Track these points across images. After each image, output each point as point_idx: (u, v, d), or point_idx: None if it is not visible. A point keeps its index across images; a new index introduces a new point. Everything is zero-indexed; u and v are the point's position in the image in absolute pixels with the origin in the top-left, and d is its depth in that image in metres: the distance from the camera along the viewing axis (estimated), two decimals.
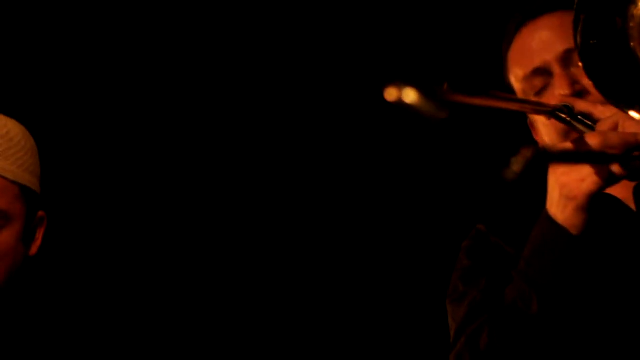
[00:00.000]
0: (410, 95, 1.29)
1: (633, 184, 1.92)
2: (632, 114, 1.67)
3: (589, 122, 1.79)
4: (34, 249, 2.25)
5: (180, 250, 3.32)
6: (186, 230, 3.33)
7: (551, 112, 1.79)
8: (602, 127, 1.73)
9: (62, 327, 2.26)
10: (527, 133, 2.10)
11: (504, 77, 2.07)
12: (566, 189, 1.70)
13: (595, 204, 1.76)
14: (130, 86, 3.31)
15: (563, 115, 1.80)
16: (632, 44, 1.66)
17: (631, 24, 1.66)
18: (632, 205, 1.92)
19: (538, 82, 1.96)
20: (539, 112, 1.86)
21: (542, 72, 1.95)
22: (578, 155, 1.66)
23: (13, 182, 2.15)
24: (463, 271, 1.97)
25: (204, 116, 3.35)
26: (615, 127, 1.71)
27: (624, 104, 1.67)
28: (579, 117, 1.80)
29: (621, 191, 1.93)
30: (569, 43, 1.77)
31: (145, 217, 3.31)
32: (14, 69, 3.21)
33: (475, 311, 1.87)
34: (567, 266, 1.71)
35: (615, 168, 1.66)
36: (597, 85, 1.67)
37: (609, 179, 1.68)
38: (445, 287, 2.00)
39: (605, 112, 1.75)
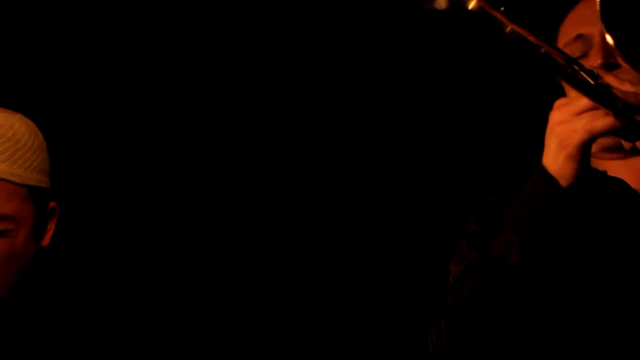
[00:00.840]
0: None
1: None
2: None
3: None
4: (46, 240, 2.26)
5: (184, 244, 3.33)
6: (190, 225, 3.33)
7: (579, 70, 1.79)
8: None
9: (72, 319, 2.27)
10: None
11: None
12: (559, 137, 1.69)
13: (605, 189, 1.76)
14: (137, 78, 3.31)
15: (588, 78, 1.79)
16: None
17: None
18: None
19: (577, 48, 1.97)
20: (569, 67, 1.85)
21: (584, 41, 1.97)
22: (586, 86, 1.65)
23: (21, 185, 2.16)
24: (470, 235, 1.98)
25: (208, 111, 3.35)
26: (634, 95, 1.69)
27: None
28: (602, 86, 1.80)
29: (632, 178, 1.93)
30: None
31: (150, 211, 3.31)
32: (21, 63, 3.21)
33: (469, 269, 1.87)
34: (553, 216, 1.70)
35: (611, 119, 1.65)
36: (621, 51, 1.66)
37: (601, 130, 1.66)
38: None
39: (630, 89, 1.72)
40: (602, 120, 1.65)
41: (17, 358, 2.19)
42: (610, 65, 1.87)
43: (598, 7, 1.67)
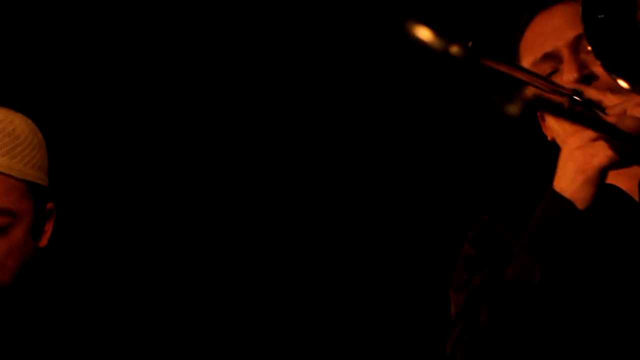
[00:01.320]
0: (424, 34, 1.32)
1: (637, 177, 1.91)
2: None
3: (595, 109, 1.78)
4: (44, 241, 2.27)
5: (182, 244, 3.33)
6: (187, 225, 3.33)
7: (568, 96, 1.79)
8: (611, 112, 1.74)
9: (72, 319, 2.27)
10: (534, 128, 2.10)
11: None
12: (578, 161, 1.72)
13: (599, 194, 1.75)
14: (134, 77, 3.31)
15: (577, 99, 1.80)
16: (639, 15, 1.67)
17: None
18: (637, 198, 1.91)
19: (547, 67, 1.95)
20: (555, 93, 1.86)
21: (552, 58, 1.95)
22: (592, 121, 1.69)
23: (20, 180, 2.17)
24: (467, 260, 1.97)
25: (207, 110, 3.35)
26: (623, 114, 1.71)
27: (629, 80, 1.69)
28: (587, 103, 1.79)
29: (627, 183, 1.93)
30: (579, 30, 1.77)
31: (150, 211, 3.31)
32: (20, 63, 3.21)
33: (476, 296, 1.87)
34: (571, 239, 1.73)
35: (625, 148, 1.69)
36: (600, 59, 1.70)
37: (621, 157, 1.70)
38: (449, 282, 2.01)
39: (614, 100, 1.76)
40: (619, 148, 1.69)
41: (17, 358, 2.18)
42: (586, 78, 1.87)
43: (580, 15, 1.69)
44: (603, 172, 1.72)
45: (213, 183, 3.35)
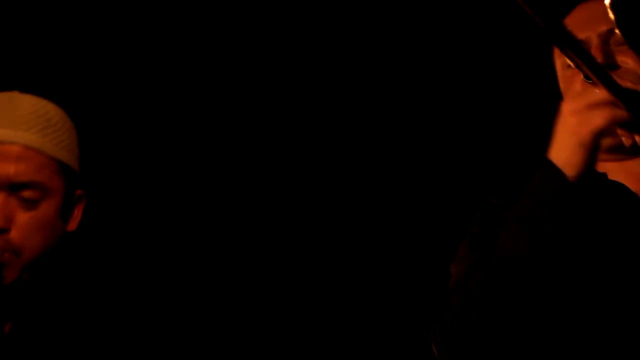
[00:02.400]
0: None
1: None
2: None
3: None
4: (72, 225, 2.32)
5: (183, 244, 3.36)
6: (188, 225, 3.36)
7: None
8: None
9: (97, 303, 2.31)
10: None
11: (550, 58, 2.12)
12: (572, 126, 1.68)
13: (604, 192, 1.77)
14: (132, 77, 3.34)
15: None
16: None
17: None
18: None
19: None
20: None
21: (583, 44, 1.95)
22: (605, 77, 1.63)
23: (52, 158, 2.23)
24: (471, 237, 2.00)
25: (206, 111, 3.38)
26: None
27: None
28: None
29: (631, 181, 1.95)
30: (612, 24, 1.77)
31: (155, 210, 3.34)
32: (57, 56, 3.26)
33: (472, 268, 1.88)
34: (558, 207, 1.70)
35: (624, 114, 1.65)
36: (629, 42, 1.71)
37: (617, 119, 1.66)
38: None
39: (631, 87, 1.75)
40: (619, 112, 1.64)
41: (35, 343, 2.22)
42: (609, 66, 1.90)
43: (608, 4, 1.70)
44: (598, 136, 1.67)
45: (212, 182, 3.37)
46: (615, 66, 1.92)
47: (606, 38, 1.97)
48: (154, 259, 3.24)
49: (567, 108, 1.71)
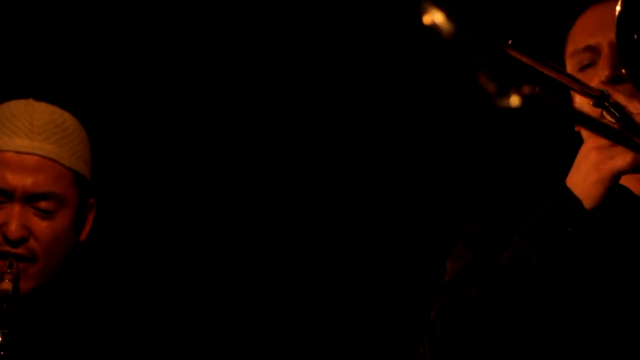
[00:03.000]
0: (437, 17, 1.29)
1: None
2: None
3: (618, 114, 1.80)
4: (84, 235, 2.32)
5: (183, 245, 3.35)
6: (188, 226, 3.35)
7: (596, 97, 1.81)
8: (638, 119, 1.76)
9: (108, 311, 2.31)
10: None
11: (561, 53, 2.09)
12: (594, 161, 1.73)
13: (608, 196, 1.76)
14: (133, 80, 3.32)
15: (606, 104, 1.81)
16: None
17: None
18: None
19: (585, 58, 1.98)
20: (583, 93, 1.86)
21: (593, 51, 1.97)
22: (610, 130, 1.69)
23: (68, 169, 2.23)
24: (468, 235, 1.99)
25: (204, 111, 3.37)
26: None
27: None
28: (613, 106, 1.81)
29: (635, 184, 1.94)
30: None
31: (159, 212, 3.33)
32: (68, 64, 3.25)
33: (467, 271, 1.88)
34: (572, 235, 1.74)
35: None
36: (629, 74, 1.71)
37: (637, 163, 1.71)
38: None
39: (639, 108, 1.78)
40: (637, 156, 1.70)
41: (46, 350, 2.22)
42: (618, 78, 1.88)
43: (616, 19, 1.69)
44: (617, 175, 1.73)
45: (210, 183, 3.37)
46: (624, 79, 1.87)
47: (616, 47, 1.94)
48: (160, 266, 3.23)
49: (590, 143, 1.75)
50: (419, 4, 1.27)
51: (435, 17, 1.29)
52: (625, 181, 1.91)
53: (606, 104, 1.82)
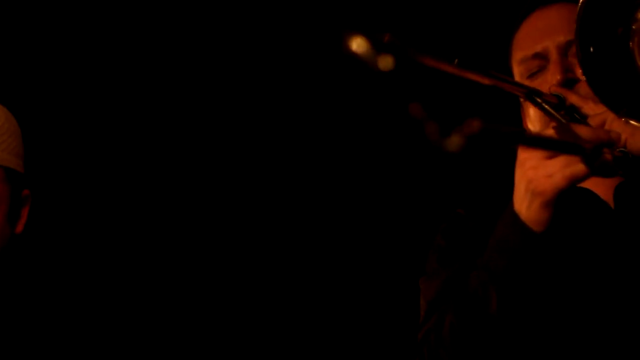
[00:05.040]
0: (360, 44, 1.27)
1: (615, 184, 1.92)
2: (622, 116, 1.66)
3: (577, 116, 1.80)
4: (19, 227, 2.28)
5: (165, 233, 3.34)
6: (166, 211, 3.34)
7: (550, 103, 1.80)
8: (592, 121, 1.73)
9: (48, 304, 2.29)
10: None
11: (507, 59, 2.10)
12: (532, 184, 1.64)
13: (574, 200, 1.75)
14: (114, 73, 3.31)
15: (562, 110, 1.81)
16: (631, 44, 1.66)
17: (634, 26, 1.65)
18: (612, 204, 1.92)
19: (534, 65, 1.98)
20: (540, 101, 1.85)
21: (541, 57, 1.98)
22: (552, 143, 1.62)
23: None
24: (438, 251, 1.98)
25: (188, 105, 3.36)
26: (602, 125, 1.70)
27: (613, 105, 1.66)
28: (570, 109, 1.82)
29: (602, 190, 1.93)
30: (572, 35, 1.72)
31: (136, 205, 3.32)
32: None
33: (445, 292, 1.88)
34: (527, 263, 1.68)
35: (584, 163, 1.61)
36: (590, 83, 1.66)
37: (577, 176, 1.62)
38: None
39: (595, 109, 1.76)
40: (578, 167, 1.61)
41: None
42: (569, 82, 1.89)
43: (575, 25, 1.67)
44: (560, 193, 1.64)
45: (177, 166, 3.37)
46: (575, 81, 1.90)
47: (564, 49, 1.95)
48: (99, 258, 3.22)
49: (524, 160, 1.67)
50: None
51: (359, 45, 1.27)
52: (589, 184, 1.89)
53: (560, 107, 1.82)
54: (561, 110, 1.82)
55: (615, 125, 1.67)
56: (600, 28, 1.65)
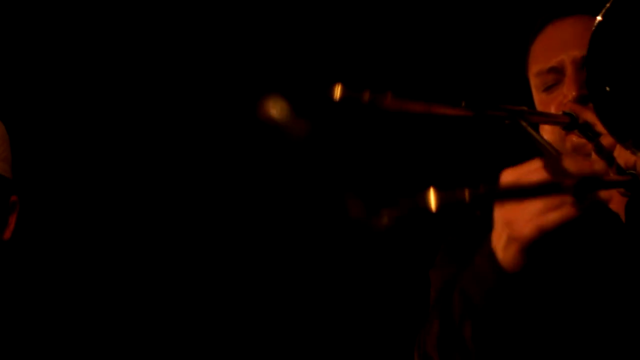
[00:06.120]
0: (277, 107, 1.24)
1: (625, 199, 1.90)
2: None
3: (590, 134, 1.80)
4: (7, 234, 2.26)
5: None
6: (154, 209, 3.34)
7: (562, 124, 1.80)
8: (603, 141, 1.75)
9: (37, 310, 2.27)
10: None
11: (524, 70, 2.10)
12: (510, 227, 1.58)
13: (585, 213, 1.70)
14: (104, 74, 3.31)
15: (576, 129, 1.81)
16: None
17: None
18: (623, 217, 1.92)
19: (550, 79, 1.99)
20: (549, 123, 1.88)
21: (556, 71, 1.98)
22: (529, 191, 1.52)
23: None
24: (450, 244, 1.99)
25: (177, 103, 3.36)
26: (613, 146, 1.71)
27: (619, 135, 1.63)
28: (583, 127, 1.82)
29: (614, 206, 1.92)
30: (585, 51, 1.69)
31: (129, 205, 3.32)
32: None
33: (446, 290, 1.84)
34: (502, 298, 1.64)
35: (570, 204, 1.52)
36: (597, 111, 1.64)
37: (561, 219, 1.53)
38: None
39: None
40: (562, 210, 1.52)
41: None
42: (584, 98, 1.87)
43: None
44: (536, 239, 1.56)
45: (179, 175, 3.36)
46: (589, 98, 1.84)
47: (580, 64, 1.94)
48: (89, 264, 3.21)
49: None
50: None
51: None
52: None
53: (572, 125, 1.82)
54: (574, 129, 1.82)
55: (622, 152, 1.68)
56: (609, 55, 1.64)
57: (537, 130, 2.00)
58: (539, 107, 2.02)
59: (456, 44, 3.25)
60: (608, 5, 1.60)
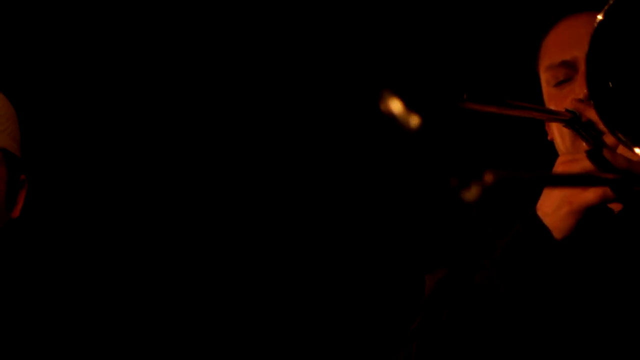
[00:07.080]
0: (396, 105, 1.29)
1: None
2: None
3: (593, 132, 1.83)
4: (16, 212, 2.29)
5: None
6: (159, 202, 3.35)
7: (566, 121, 1.82)
8: (606, 140, 1.77)
9: (44, 289, 2.30)
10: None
11: (534, 65, 2.10)
12: (566, 192, 1.69)
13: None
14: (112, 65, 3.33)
15: (577, 125, 1.83)
16: None
17: None
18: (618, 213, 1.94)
19: (561, 73, 1.98)
20: (551, 120, 1.90)
21: (569, 66, 1.97)
22: (578, 179, 1.65)
23: None
24: (446, 248, 2.00)
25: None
26: (615, 145, 1.73)
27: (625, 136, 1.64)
28: (585, 126, 1.84)
29: (613, 206, 1.94)
30: None
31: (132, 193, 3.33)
32: None
33: (443, 288, 1.89)
34: (540, 267, 1.71)
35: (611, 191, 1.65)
36: (597, 108, 1.65)
37: (609, 197, 1.67)
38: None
39: None
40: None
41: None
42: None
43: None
44: (590, 208, 1.69)
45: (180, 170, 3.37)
46: None
47: None
48: (98, 245, 3.22)
49: (563, 170, 1.70)
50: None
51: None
52: None
53: (577, 125, 1.84)
54: (576, 126, 1.85)
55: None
56: (611, 54, 1.65)
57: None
58: (548, 102, 2.02)
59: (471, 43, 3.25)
60: (610, 3, 1.62)
